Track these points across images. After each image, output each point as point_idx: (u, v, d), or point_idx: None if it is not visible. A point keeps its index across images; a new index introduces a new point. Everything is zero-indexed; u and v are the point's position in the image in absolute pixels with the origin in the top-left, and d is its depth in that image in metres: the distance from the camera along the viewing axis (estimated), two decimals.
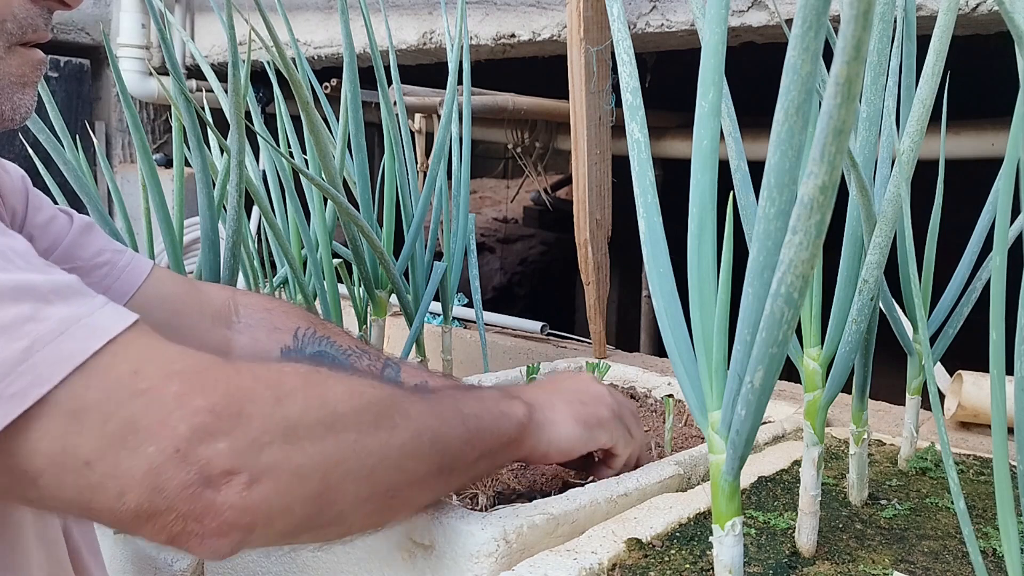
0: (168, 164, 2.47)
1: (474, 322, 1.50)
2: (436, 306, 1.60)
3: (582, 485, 0.79)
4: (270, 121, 1.43)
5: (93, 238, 0.81)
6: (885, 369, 1.08)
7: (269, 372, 0.53)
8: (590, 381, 0.81)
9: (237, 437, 0.48)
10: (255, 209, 1.53)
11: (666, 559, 0.70)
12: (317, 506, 0.52)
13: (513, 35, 1.80)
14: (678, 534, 0.74)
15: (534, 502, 0.75)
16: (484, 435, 0.66)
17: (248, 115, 1.10)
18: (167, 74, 1.44)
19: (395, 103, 1.13)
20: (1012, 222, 0.75)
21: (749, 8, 1.45)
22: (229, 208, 0.97)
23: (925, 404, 0.80)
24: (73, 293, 0.49)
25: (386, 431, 0.56)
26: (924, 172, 0.76)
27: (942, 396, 1.20)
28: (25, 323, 0.46)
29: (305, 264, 1.22)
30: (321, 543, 0.58)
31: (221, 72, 1.06)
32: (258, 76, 1.91)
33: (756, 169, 0.56)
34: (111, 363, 0.47)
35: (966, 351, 0.96)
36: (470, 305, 1.81)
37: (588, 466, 0.83)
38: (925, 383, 0.75)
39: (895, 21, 0.69)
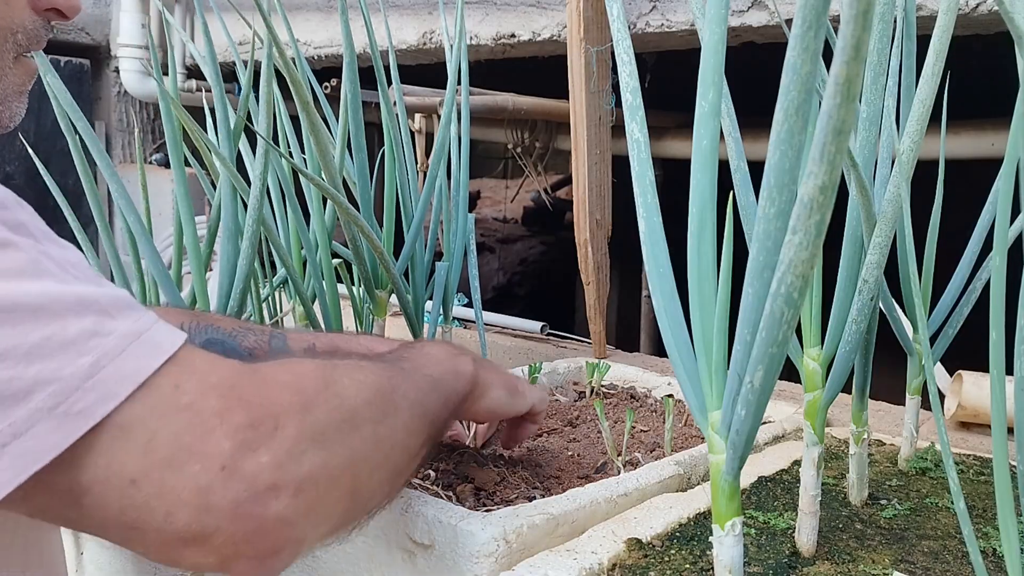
0: (168, 164, 2.47)
1: (474, 322, 1.50)
2: None
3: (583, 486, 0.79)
4: None
5: None
6: (885, 369, 1.08)
7: (290, 377, 0.52)
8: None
9: (276, 450, 0.48)
10: None
11: (666, 559, 0.70)
12: (351, 503, 0.54)
13: (513, 35, 1.80)
14: (678, 534, 0.74)
15: (534, 502, 0.75)
16: (451, 396, 0.68)
17: (248, 115, 1.10)
18: (167, 74, 1.44)
19: (395, 103, 1.13)
20: (1012, 222, 0.75)
21: (749, 8, 1.45)
22: (251, 199, 0.97)
23: (925, 404, 0.80)
24: (128, 307, 0.48)
25: (392, 416, 0.58)
26: (924, 172, 0.76)
27: (942, 396, 1.20)
28: (90, 338, 0.45)
29: (305, 264, 1.22)
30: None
31: (221, 71, 1.06)
32: (258, 76, 1.91)
33: (756, 169, 0.56)
34: (159, 380, 0.47)
35: (966, 351, 0.96)
36: (470, 305, 1.81)
37: (504, 429, 0.87)
38: (925, 383, 0.75)
39: (895, 21, 0.69)
